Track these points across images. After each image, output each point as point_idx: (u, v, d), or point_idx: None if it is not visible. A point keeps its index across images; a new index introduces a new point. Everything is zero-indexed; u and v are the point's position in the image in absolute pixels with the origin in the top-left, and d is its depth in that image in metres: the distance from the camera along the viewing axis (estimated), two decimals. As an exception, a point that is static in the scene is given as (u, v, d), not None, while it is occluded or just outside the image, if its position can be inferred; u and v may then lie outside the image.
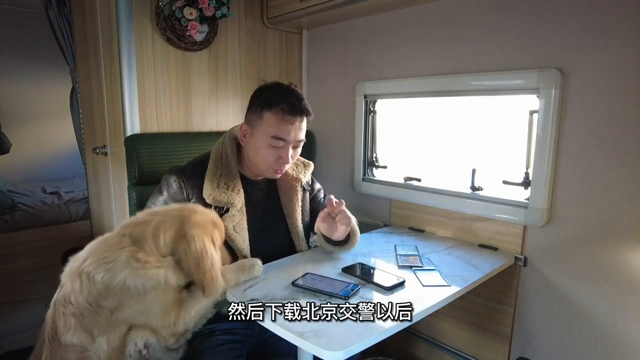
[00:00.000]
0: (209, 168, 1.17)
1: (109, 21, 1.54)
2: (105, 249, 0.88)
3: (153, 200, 1.17)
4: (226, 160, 1.18)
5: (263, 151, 1.13)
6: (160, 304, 0.90)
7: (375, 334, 0.84)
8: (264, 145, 1.13)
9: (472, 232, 1.45)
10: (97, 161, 1.93)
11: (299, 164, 1.31)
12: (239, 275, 1.03)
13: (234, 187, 1.16)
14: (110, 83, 1.63)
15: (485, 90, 1.37)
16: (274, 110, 1.10)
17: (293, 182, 1.28)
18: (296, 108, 1.10)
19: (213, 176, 1.15)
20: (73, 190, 2.82)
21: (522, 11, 1.26)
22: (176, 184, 1.15)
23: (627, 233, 1.12)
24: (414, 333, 1.65)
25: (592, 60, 1.14)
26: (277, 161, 1.14)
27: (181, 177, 1.15)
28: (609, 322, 1.18)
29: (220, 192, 1.13)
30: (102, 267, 0.85)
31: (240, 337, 1.16)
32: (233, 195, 1.15)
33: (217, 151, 1.20)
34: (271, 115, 1.10)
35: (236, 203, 1.15)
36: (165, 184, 1.16)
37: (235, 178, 1.17)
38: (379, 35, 1.69)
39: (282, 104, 1.10)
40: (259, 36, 1.88)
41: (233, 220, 1.15)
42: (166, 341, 0.94)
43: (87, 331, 0.86)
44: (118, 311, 0.87)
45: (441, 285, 1.08)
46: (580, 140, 1.18)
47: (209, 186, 1.13)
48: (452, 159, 1.57)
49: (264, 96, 1.13)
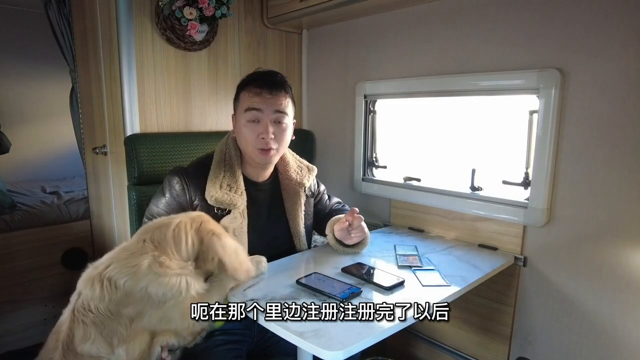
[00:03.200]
0: (212, 169, 1.16)
1: (109, 21, 1.54)
2: (128, 256, 0.88)
3: (156, 202, 1.17)
4: (229, 161, 1.18)
5: (244, 131, 1.14)
6: (179, 309, 0.89)
7: (375, 333, 0.84)
8: (243, 125, 1.14)
9: (472, 232, 1.45)
10: (96, 161, 1.93)
11: (303, 168, 1.31)
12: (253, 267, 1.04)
13: (236, 188, 1.16)
14: (110, 83, 1.62)
15: (485, 90, 1.37)
16: (247, 87, 1.14)
17: (297, 187, 1.27)
18: (268, 82, 1.13)
19: (216, 177, 1.15)
20: (73, 190, 2.81)
21: (522, 11, 1.26)
22: (179, 185, 1.14)
23: (627, 233, 1.12)
24: (414, 333, 1.65)
25: (592, 60, 1.14)
26: (259, 138, 1.13)
27: (184, 178, 1.15)
28: (608, 322, 1.18)
29: (222, 194, 1.13)
30: (124, 272, 0.84)
31: (239, 337, 1.16)
32: (236, 197, 1.14)
33: (221, 151, 1.20)
34: (245, 92, 1.14)
35: (238, 205, 1.14)
36: (168, 185, 1.16)
37: (238, 179, 1.17)
38: (379, 35, 1.69)
39: (254, 82, 1.14)
40: (259, 36, 1.88)
41: (234, 222, 1.14)
42: (185, 340, 0.94)
43: (107, 341, 0.85)
44: (138, 320, 0.87)
45: (441, 285, 1.07)
46: (580, 140, 1.18)
47: (211, 187, 1.13)
48: (452, 159, 1.57)
49: (241, 82, 1.18)
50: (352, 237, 1.22)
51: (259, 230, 1.20)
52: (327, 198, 1.42)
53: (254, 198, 1.21)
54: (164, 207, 1.15)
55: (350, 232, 1.21)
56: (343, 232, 1.22)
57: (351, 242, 1.23)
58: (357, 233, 1.22)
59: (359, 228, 1.21)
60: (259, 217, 1.22)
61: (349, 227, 1.21)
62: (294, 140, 1.24)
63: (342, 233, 1.23)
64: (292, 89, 1.19)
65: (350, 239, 1.23)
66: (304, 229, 1.29)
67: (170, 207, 1.14)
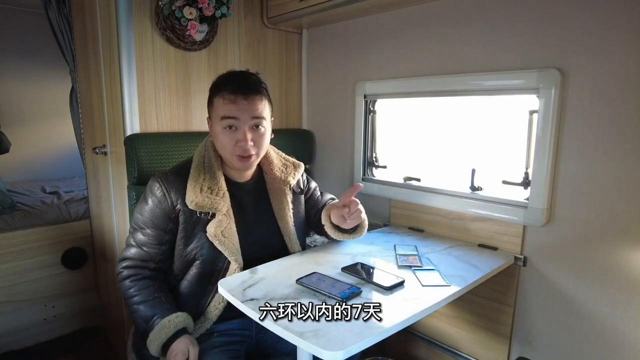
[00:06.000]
0: (191, 173, 1.13)
1: (109, 21, 1.54)
2: None
3: (140, 210, 1.14)
4: (209, 163, 1.16)
5: (221, 137, 1.11)
6: None
7: (375, 333, 0.84)
8: (220, 132, 1.11)
9: (472, 232, 1.45)
10: (96, 161, 1.93)
11: (289, 165, 1.29)
12: None
13: (218, 190, 1.13)
14: (110, 83, 1.62)
15: (485, 90, 1.37)
16: (220, 93, 1.11)
17: (281, 185, 1.25)
18: (241, 87, 1.10)
19: (195, 181, 1.12)
20: (72, 190, 2.81)
21: (522, 11, 1.26)
22: (159, 191, 1.11)
23: (626, 233, 1.12)
24: (414, 333, 1.65)
25: (592, 60, 1.14)
26: (237, 145, 1.10)
27: (163, 184, 1.11)
28: (608, 322, 1.18)
29: (203, 197, 1.10)
30: None
31: (237, 337, 1.16)
32: (217, 199, 1.11)
33: (200, 154, 1.18)
34: (218, 98, 1.11)
35: (221, 207, 1.12)
36: (150, 192, 1.13)
37: (219, 181, 1.14)
38: (379, 35, 1.69)
39: (227, 87, 1.10)
40: (259, 36, 1.87)
41: (220, 225, 1.12)
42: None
43: None
44: None
45: (441, 285, 1.07)
46: (580, 140, 1.18)
47: (192, 192, 1.10)
48: (451, 158, 1.57)
49: (213, 85, 1.14)
50: (348, 222, 1.19)
51: (246, 230, 1.18)
52: (319, 194, 1.40)
53: (238, 199, 1.19)
54: (148, 214, 1.12)
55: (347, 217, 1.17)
56: (340, 217, 1.19)
57: (347, 226, 1.21)
58: (354, 220, 1.19)
59: (355, 213, 1.17)
60: (245, 218, 1.19)
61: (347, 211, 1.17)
62: (294, 140, 1.23)
63: (338, 218, 1.19)
64: (267, 89, 1.15)
65: (346, 223, 1.19)
66: (293, 227, 1.26)
67: (154, 214, 1.11)
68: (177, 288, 1.16)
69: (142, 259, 1.13)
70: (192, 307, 1.14)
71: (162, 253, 1.14)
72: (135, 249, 1.14)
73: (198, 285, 1.14)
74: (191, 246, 1.13)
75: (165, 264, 1.16)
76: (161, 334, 1.04)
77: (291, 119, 2.04)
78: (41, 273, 2.14)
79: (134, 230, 1.16)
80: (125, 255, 1.15)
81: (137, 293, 1.10)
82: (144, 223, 1.13)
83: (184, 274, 1.15)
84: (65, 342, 2.16)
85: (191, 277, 1.14)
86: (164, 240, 1.13)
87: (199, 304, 1.15)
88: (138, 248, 1.14)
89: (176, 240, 1.14)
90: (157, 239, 1.13)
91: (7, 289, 2.05)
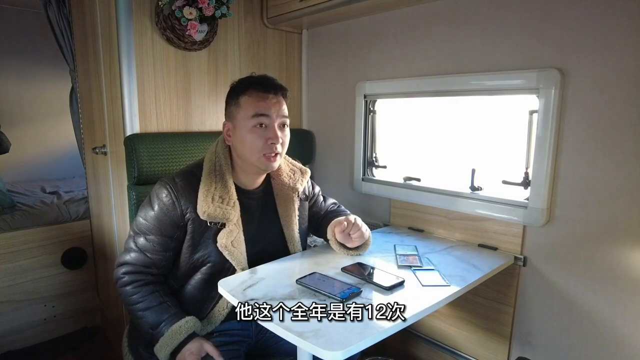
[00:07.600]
0: (203, 181, 1.10)
1: (109, 21, 1.54)
2: None
3: (144, 216, 1.11)
4: (220, 171, 1.12)
5: (249, 137, 1.08)
6: None
7: (375, 333, 0.84)
8: (248, 131, 1.08)
9: (472, 232, 1.45)
10: (96, 161, 1.93)
11: (296, 171, 1.27)
12: None
13: (229, 200, 1.10)
14: (110, 83, 1.62)
15: (485, 90, 1.37)
16: (248, 92, 1.10)
17: (290, 192, 1.24)
18: (270, 84, 1.11)
19: (207, 190, 1.08)
20: (72, 190, 2.81)
21: (521, 11, 1.26)
22: (168, 199, 1.08)
23: (627, 233, 1.12)
24: (414, 333, 1.65)
25: (592, 60, 1.14)
26: (267, 143, 1.08)
27: (173, 192, 1.08)
28: (608, 322, 1.18)
29: (215, 207, 1.07)
30: None
31: (237, 338, 1.15)
32: (228, 209, 1.09)
33: (211, 161, 1.13)
34: (247, 97, 1.10)
35: (232, 217, 1.10)
36: (157, 198, 1.09)
37: (230, 190, 1.12)
38: (379, 35, 1.69)
39: (255, 85, 1.10)
40: (259, 36, 1.87)
41: (231, 235, 1.10)
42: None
43: None
44: None
45: (441, 285, 1.07)
46: (580, 140, 1.18)
47: (203, 202, 1.07)
48: (451, 158, 1.57)
49: (236, 86, 1.14)
50: (353, 241, 1.22)
51: (252, 238, 1.17)
52: (322, 200, 1.40)
53: (246, 207, 1.17)
54: (153, 221, 1.09)
55: (351, 235, 1.21)
56: (344, 235, 1.22)
57: (352, 245, 1.23)
58: (357, 238, 1.21)
59: (357, 233, 1.20)
60: (251, 226, 1.18)
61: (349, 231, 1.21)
62: (294, 140, 1.23)
63: (343, 236, 1.22)
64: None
65: (351, 242, 1.22)
66: (298, 234, 1.26)
67: (161, 221, 1.08)
68: (179, 292, 1.15)
69: (145, 265, 1.10)
70: (195, 311, 1.12)
71: (166, 259, 1.12)
72: (136, 254, 1.11)
73: (202, 290, 1.13)
74: (198, 254, 1.11)
75: (168, 269, 1.14)
76: (173, 340, 1.04)
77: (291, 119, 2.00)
78: (41, 273, 2.14)
79: (136, 235, 1.12)
80: (125, 260, 1.12)
81: (142, 299, 1.08)
82: (147, 229, 1.09)
83: (188, 278, 1.14)
84: (65, 342, 2.15)
85: (195, 282, 1.13)
86: (170, 247, 1.11)
87: (201, 308, 1.13)
88: (140, 254, 1.10)
89: (182, 248, 1.12)
90: (162, 246, 1.10)
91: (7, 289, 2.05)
